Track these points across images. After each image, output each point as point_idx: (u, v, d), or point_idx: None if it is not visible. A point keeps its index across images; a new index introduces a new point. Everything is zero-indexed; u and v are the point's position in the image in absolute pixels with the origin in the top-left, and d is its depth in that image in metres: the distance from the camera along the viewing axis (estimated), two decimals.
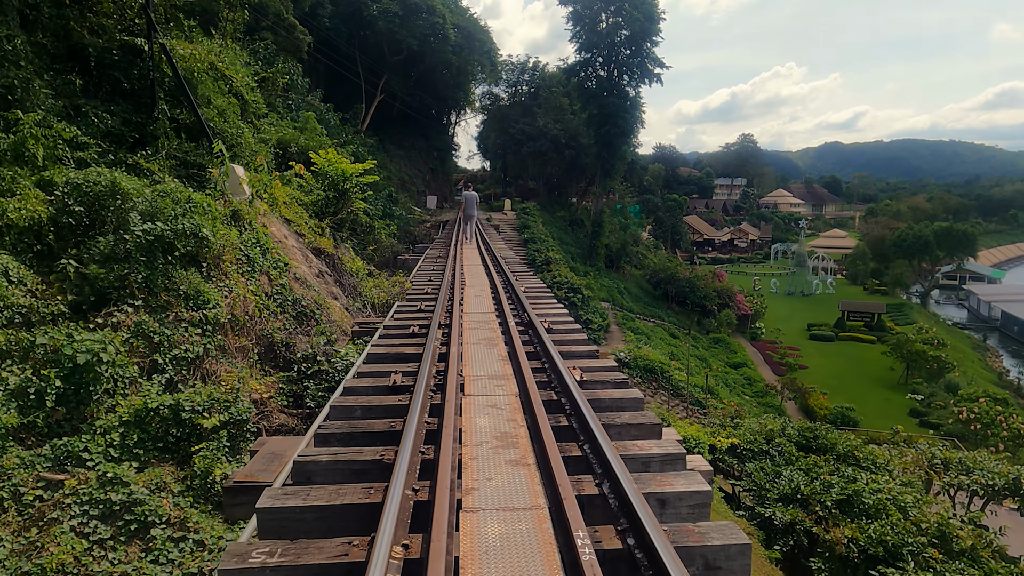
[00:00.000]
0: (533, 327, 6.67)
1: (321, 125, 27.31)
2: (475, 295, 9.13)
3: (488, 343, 6.41)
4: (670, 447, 3.69)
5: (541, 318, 7.04)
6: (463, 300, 8.77)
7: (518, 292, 8.65)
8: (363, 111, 41.86)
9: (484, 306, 8.41)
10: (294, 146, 15.10)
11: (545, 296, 9.21)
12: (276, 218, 11.03)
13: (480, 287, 9.90)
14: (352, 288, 11.56)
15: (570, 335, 6.90)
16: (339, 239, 13.70)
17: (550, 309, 8.26)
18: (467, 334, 6.78)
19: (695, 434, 14.39)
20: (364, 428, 4.18)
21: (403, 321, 7.75)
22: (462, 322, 7.27)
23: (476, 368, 5.55)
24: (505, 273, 11.06)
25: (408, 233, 31.34)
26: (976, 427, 25.32)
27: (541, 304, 8.57)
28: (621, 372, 5.31)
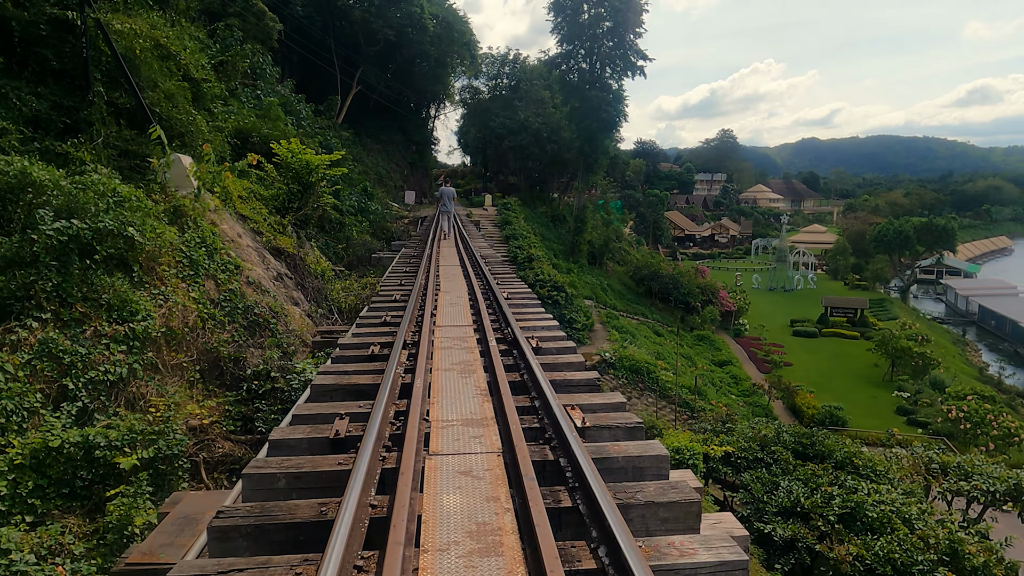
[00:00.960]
0: (518, 346, 5.65)
1: (291, 116, 26.01)
2: (450, 303, 8.12)
3: (464, 370, 5.31)
4: (728, 550, 2.58)
5: (527, 333, 6.03)
6: (436, 310, 7.75)
7: (500, 299, 7.65)
8: (338, 103, 40.40)
9: (460, 317, 7.42)
10: (255, 136, 13.87)
11: (530, 304, 8.16)
12: (229, 214, 9.88)
13: (457, 293, 8.86)
14: (316, 292, 10.46)
15: (563, 356, 5.85)
16: (303, 237, 12.55)
17: (537, 321, 7.31)
18: (438, 357, 5.71)
19: (688, 444, 13.54)
20: (281, 516, 2.99)
21: (363, 339, 6.59)
22: (433, 339, 6.26)
23: (447, 407, 4.46)
24: (485, 275, 10.03)
25: (384, 229, 30.10)
26: (966, 426, 24.93)
27: (526, 314, 7.63)
28: (630, 412, 4.30)
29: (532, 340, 5.80)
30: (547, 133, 47.52)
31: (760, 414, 28.36)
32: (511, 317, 6.67)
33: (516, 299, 8.45)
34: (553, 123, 47.69)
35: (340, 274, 13.55)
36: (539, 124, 47.66)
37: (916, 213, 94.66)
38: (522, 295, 8.80)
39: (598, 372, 8.34)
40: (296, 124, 25.71)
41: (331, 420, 4.21)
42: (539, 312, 7.65)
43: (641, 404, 24.10)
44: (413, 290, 8.41)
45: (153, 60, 10.25)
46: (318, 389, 5.12)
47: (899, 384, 34.46)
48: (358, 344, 6.33)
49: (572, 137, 43.91)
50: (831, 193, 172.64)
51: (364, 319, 7.80)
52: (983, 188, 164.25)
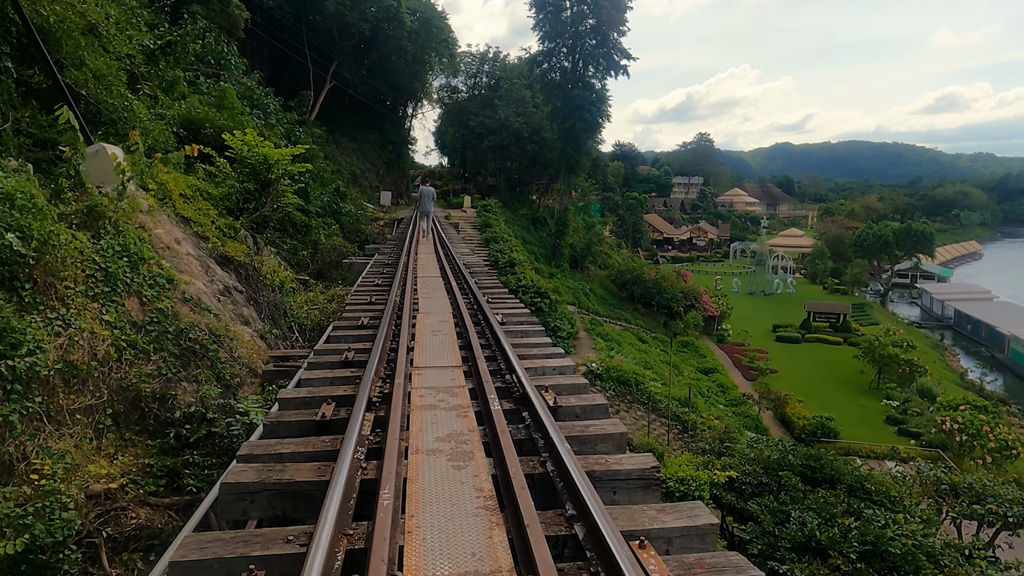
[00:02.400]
0: (529, 406, 4.08)
1: (258, 110, 24.27)
2: (432, 329, 6.69)
3: (455, 452, 3.63)
4: None
5: (535, 377, 4.65)
6: (414, 341, 6.22)
7: (493, 324, 6.25)
8: (311, 99, 38.58)
9: (445, 352, 5.87)
10: (208, 127, 12.25)
11: (531, 329, 6.65)
12: (167, 216, 8.33)
13: (439, 314, 7.43)
14: (273, 307, 8.95)
15: (594, 424, 4.09)
16: (261, 243, 11.00)
17: (544, 356, 5.84)
18: (418, 425, 4.07)
19: (693, 472, 12.31)
20: None
21: (312, 390, 4.91)
22: (410, 391, 4.68)
23: (432, 542, 2.76)
24: (471, 289, 8.62)
25: (358, 232, 28.46)
26: (962, 438, 24.18)
27: (529, 347, 6.14)
28: (738, 558, 2.71)
29: (548, 393, 4.40)
30: (528, 133, 46.24)
31: (750, 425, 27.39)
32: (511, 353, 5.20)
33: (512, 323, 7.03)
34: (534, 123, 46.43)
35: (304, 284, 12.01)
36: (520, 124, 46.36)
37: (890, 217, 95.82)
38: (518, 316, 7.36)
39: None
40: (263, 119, 24.02)
41: None
42: (543, 341, 6.23)
43: (630, 417, 22.87)
44: (386, 310, 6.93)
45: (79, 35, 8.67)
46: (230, 492, 3.33)
47: (886, 392, 33.81)
48: (304, 400, 4.67)
49: (554, 137, 42.69)
50: (805, 197, 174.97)
51: (320, 356, 6.07)
52: (952, 193, 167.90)
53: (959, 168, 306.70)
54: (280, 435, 4.09)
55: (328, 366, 5.74)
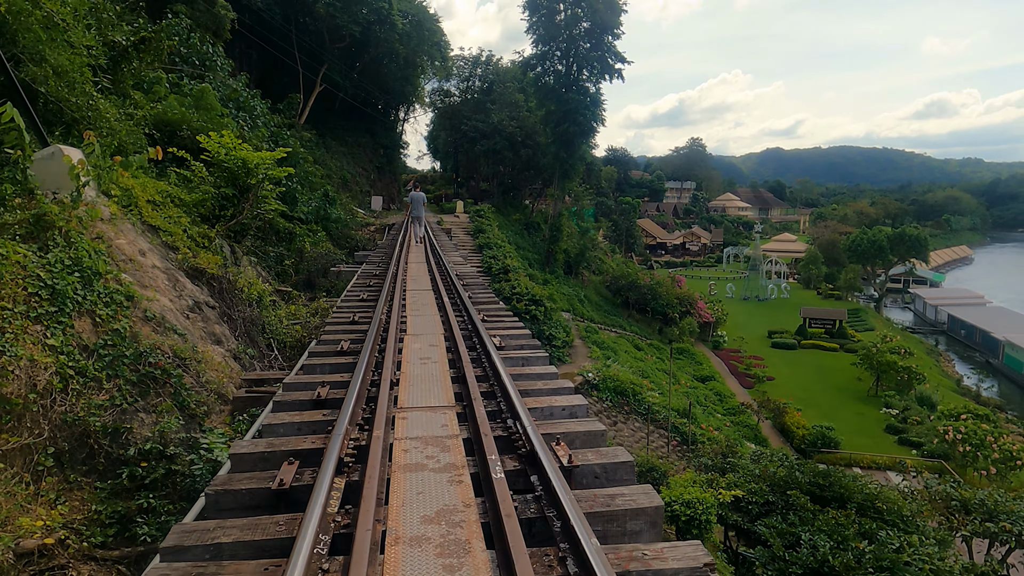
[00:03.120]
0: (538, 467, 3.33)
1: (244, 113, 23.57)
2: (421, 357, 5.94)
3: (445, 543, 2.82)
4: None
5: (543, 422, 3.93)
6: (400, 373, 5.47)
7: (490, 351, 5.49)
8: (300, 102, 37.83)
9: (435, 389, 5.00)
10: (185, 129, 11.51)
11: (533, 357, 5.73)
12: (133, 225, 7.61)
13: (429, 336, 6.74)
14: (249, 323, 8.24)
15: (622, 492, 3.25)
16: (238, 252, 10.28)
17: (553, 394, 4.98)
18: (399, 497, 3.23)
19: (699, 495, 11.67)
20: None
21: (271, 443, 4.00)
22: (391, 445, 3.83)
23: None
24: (464, 305, 7.91)
25: (348, 238, 27.72)
26: (965, 448, 23.68)
27: (532, 377, 5.39)
28: None
29: (559, 447, 3.60)
30: (521, 137, 45.66)
31: (749, 435, 26.82)
32: (512, 391, 4.43)
33: (511, 347, 6.26)
34: (528, 127, 45.86)
35: (286, 296, 11.29)
36: (513, 127, 45.77)
37: (881, 222, 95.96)
38: (518, 339, 6.57)
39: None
40: (249, 122, 23.31)
41: None
42: (547, 371, 5.39)
43: (628, 430, 22.21)
44: (370, 331, 6.25)
45: (37, 27, 7.96)
46: None
47: (885, 400, 33.33)
48: (261, 457, 3.83)
49: (548, 142, 42.11)
50: (797, 202, 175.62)
51: (289, 392, 5.12)
52: (942, 198, 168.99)
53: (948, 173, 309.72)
54: (225, 509, 3.32)
55: (297, 406, 4.85)
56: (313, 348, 6.47)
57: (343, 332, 6.88)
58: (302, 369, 6.00)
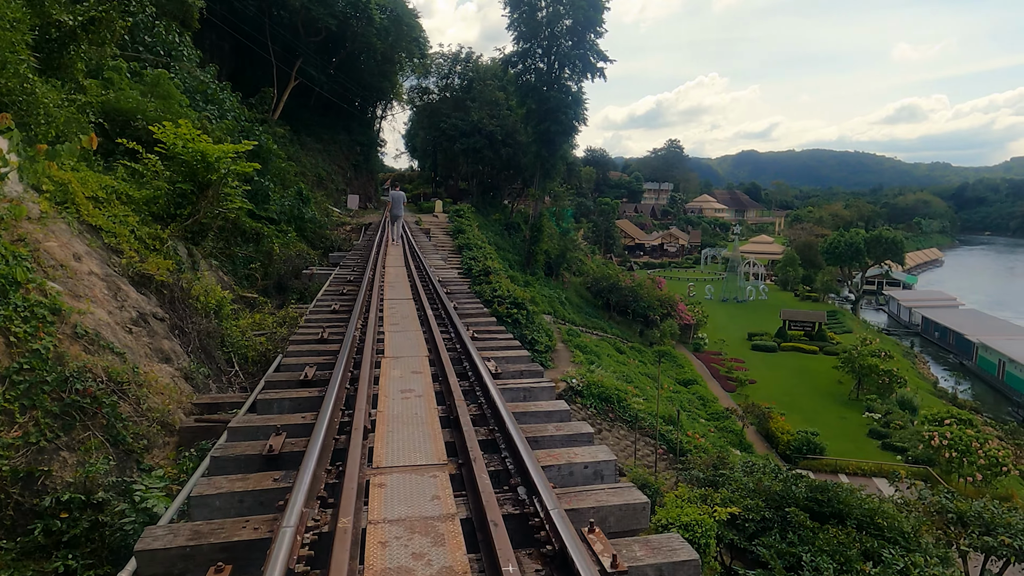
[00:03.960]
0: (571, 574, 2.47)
1: (213, 105, 22.35)
2: (402, 390, 4.97)
3: None
4: None
5: (564, 492, 2.98)
6: (376, 412, 4.51)
7: (486, 382, 4.63)
8: (273, 96, 36.48)
9: (421, 438, 4.00)
10: (140, 119, 10.43)
11: (537, 387, 4.78)
12: (68, 225, 6.63)
13: (411, 360, 5.83)
14: (205, 337, 7.28)
15: None
16: (197, 255, 9.28)
17: (571, 443, 4.10)
18: None
19: (697, 516, 10.98)
20: None
21: (195, 532, 2.99)
22: (364, 532, 2.91)
23: None
24: (450, 318, 7.01)
25: (322, 238, 26.62)
26: (951, 455, 23.47)
27: (539, 417, 4.53)
28: None
29: (594, 537, 2.69)
30: (502, 136, 44.83)
31: (734, 441, 26.36)
32: (522, 447, 3.49)
33: (509, 373, 5.35)
34: (508, 125, 45.05)
35: (251, 303, 10.31)
36: (493, 126, 44.93)
37: (855, 224, 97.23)
38: (515, 363, 5.61)
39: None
40: (218, 115, 22.12)
41: None
42: (557, 408, 4.38)
43: (612, 437, 21.53)
44: (341, 353, 5.38)
45: None
46: None
47: (867, 403, 33.22)
48: (181, 555, 2.83)
49: (528, 140, 41.37)
50: (772, 204, 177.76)
51: (234, 442, 4.11)
52: (913, 202, 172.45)
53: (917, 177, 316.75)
54: None
55: (241, 465, 3.82)
56: (272, 376, 5.45)
57: (309, 354, 5.89)
58: (254, 407, 5.01)
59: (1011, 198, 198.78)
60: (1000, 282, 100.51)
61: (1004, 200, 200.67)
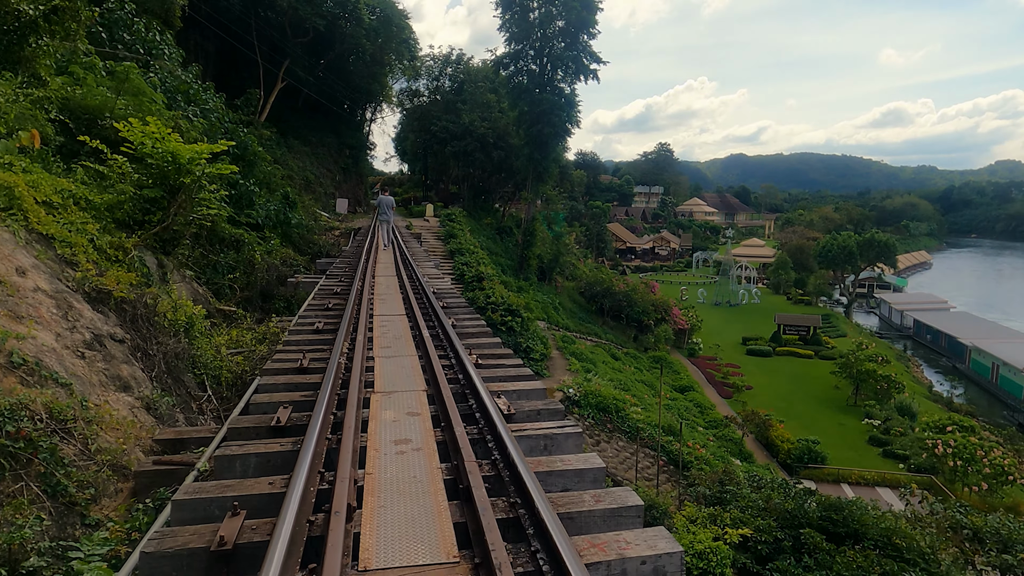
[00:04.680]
0: None
1: (194, 106, 21.45)
2: (396, 440, 4.11)
3: None
4: None
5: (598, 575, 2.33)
6: (364, 475, 3.66)
7: (498, 428, 3.87)
8: (259, 98, 35.58)
9: (424, 524, 3.10)
10: (108, 117, 9.57)
11: (559, 433, 3.95)
12: (13, 234, 5.82)
13: (406, 396, 4.98)
14: (173, 358, 6.49)
15: None
16: (168, 266, 8.45)
17: (615, 521, 3.32)
18: None
19: (710, 542, 10.28)
20: None
21: None
22: None
23: None
24: (451, 342, 6.14)
25: (310, 243, 25.75)
26: (955, 463, 22.96)
27: (570, 476, 3.70)
28: None
29: None
30: (493, 138, 44.11)
31: (734, 451, 25.75)
32: (555, 529, 2.76)
33: (524, 414, 4.50)
34: (500, 128, 44.33)
35: (229, 317, 9.50)
36: (485, 128, 44.20)
37: (845, 227, 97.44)
38: (531, 398, 4.67)
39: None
40: (200, 115, 21.23)
41: None
42: (591, 466, 3.45)
43: (611, 449, 20.82)
44: (322, 390, 4.57)
45: None
46: None
47: (866, 410, 32.73)
48: None
49: (521, 143, 40.67)
50: (761, 207, 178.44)
51: (172, 536, 3.06)
52: (901, 205, 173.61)
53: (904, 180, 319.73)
54: None
55: (180, 566, 2.89)
56: (237, 422, 4.53)
57: (285, 388, 5.05)
58: (210, 471, 4.10)
59: (997, 201, 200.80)
60: (988, 284, 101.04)
61: (990, 203, 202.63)
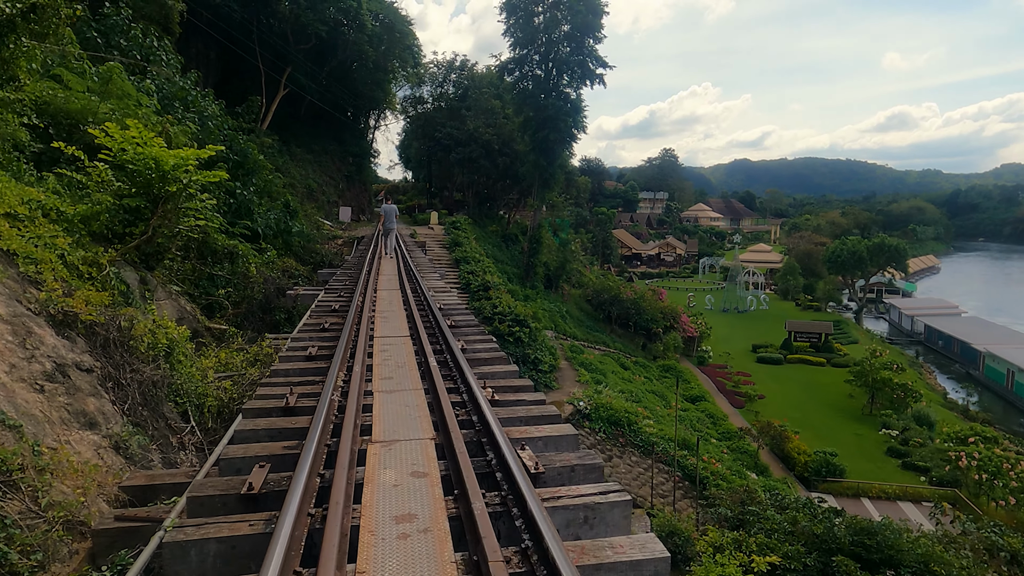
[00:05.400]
0: None
1: (193, 113, 20.93)
2: (396, 525, 3.11)
3: None
4: None
5: None
6: None
7: (529, 503, 3.08)
8: (261, 105, 35.09)
9: None
10: (91, 122, 8.94)
11: (611, 515, 3.31)
12: None
13: (411, 452, 4.06)
14: (151, 387, 5.81)
15: None
16: (152, 282, 7.79)
17: None
18: None
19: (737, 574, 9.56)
20: None
21: None
22: None
23: None
24: (461, 372, 5.33)
25: (312, 253, 25.15)
26: (981, 476, 22.09)
27: None
28: None
29: None
30: (498, 145, 43.53)
31: (748, 463, 24.94)
32: None
33: (558, 475, 3.57)
34: (505, 134, 43.77)
35: (219, 336, 8.81)
36: (490, 135, 43.64)
37: (852, 232, 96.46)
38: (565, 455, 3.57)
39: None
40: (198, 123, 20.71)
41: None
42: (653, 558, 2.79)
43: (624, 465, 20.03)
44: (307, 446, 3.73)
45: None
46: None
47: (883, 419, 31.81)
48: None
49: (526, 149, 40.08)
50: (767, 212, 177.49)
51: None
52: (907, 209, 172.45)
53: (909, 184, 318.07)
54: None
55: None
56: (198, 488, 3.65)
57: (265, 437, 4.17)
58: (158, 567, 3.27)
59: (1004, 204, 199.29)
60: (997, 288, 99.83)
61: (997, 207, 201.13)
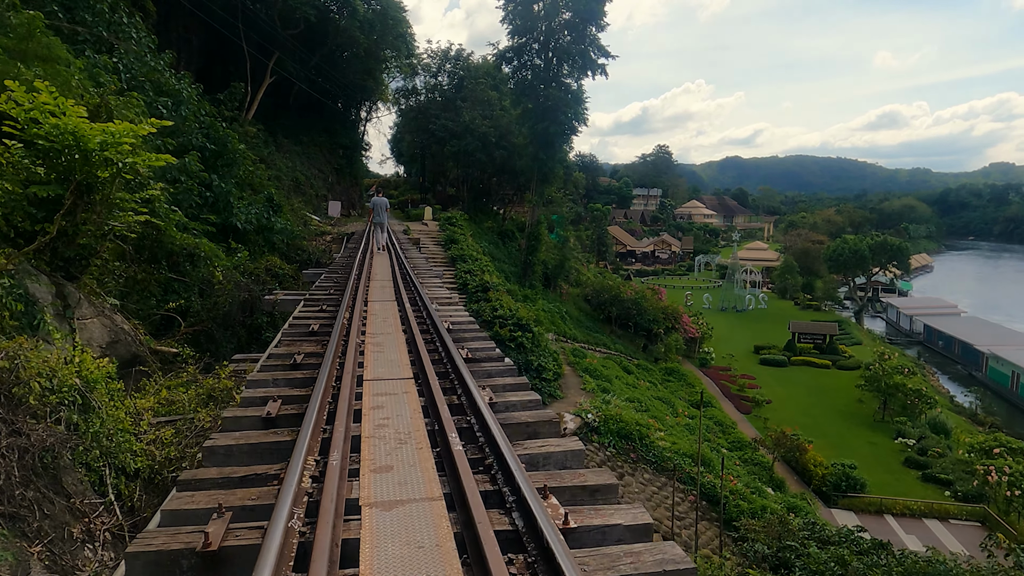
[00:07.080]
0: None
1: (166, 97, 19.02)
2: None
3: None
4: None
5: None
6: None
7: None
8: (245, 92, 33.09)
9: None
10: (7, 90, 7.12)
11: None
12: None
13: (415, 526, 2.71)
14: (45, 451, 4.09)
15: None
16: (75, 296, 6.04)
17: None
18: None
19: None
20: None
21: None
22: None
23: None
24: (499, 455, 3.42)
25: (298, 250, 23.35)
26: (1014, 492, 20.73)
27: None
28: None
29: None
30: (495, 137, 41.71)
31: (763, 476, 23.47)
32: None
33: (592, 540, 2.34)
34: (502, 126, 41.96)
35: (171, 361, 7.06)
36: (486, 127, 41.81)
37: (847, 230, 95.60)
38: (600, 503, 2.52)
39: None
40: (174, 109, 18.84)
41: None
42: None
43: (637, 484, 18.40)
44: (275, 521, 2.21)
45: None
46: None
47: (897, 427, 30.46)
48: None
49: (525, 142, 38.32)
50: (760, 209, 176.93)
51: None
52: (899, 207, 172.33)
53: (899, 182, 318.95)
54: None
55: None
56: None
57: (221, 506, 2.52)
58: None
59: (994, 203, 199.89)
60: (991, 287, 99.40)
61: (987, 205, 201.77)
